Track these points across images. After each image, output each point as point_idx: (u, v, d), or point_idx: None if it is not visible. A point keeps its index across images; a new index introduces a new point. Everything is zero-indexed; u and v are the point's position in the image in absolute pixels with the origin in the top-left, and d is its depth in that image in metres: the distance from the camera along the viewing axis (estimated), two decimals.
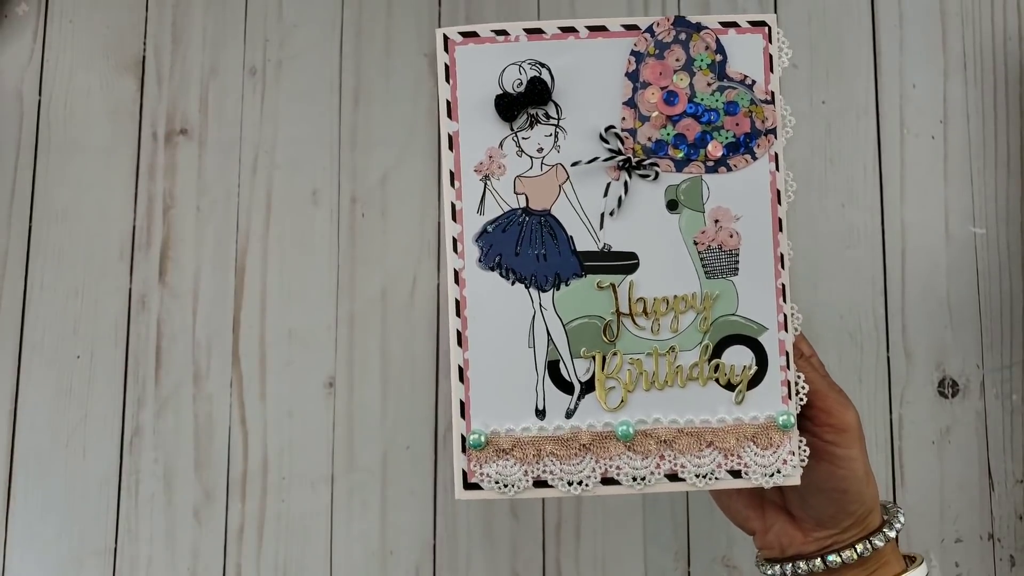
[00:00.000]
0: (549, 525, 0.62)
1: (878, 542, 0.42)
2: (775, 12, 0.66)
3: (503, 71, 0.41)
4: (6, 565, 0.61)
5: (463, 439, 0.40)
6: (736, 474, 0.40)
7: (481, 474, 0.40)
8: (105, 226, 0.64)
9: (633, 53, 0.41)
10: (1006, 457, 0.63)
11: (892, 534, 0.43)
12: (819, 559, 0.43)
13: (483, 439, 0.39)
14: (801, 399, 0.41)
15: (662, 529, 0.62)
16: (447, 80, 0.41)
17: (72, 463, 0.62)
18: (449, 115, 0.41)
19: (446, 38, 0.41)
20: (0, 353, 0.62)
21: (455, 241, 0.40)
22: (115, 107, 0.65)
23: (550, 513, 0.62)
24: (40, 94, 0.65)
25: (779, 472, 0.40)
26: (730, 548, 0.62)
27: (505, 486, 0.39)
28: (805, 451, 0.40)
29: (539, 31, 0.41)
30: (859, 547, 0.42)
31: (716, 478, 0.40)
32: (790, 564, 0.44)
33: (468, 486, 0.40)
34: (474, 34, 0.41)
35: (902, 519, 0.44)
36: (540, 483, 0.40)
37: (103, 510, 0.61)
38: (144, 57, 0.65)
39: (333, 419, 0.62)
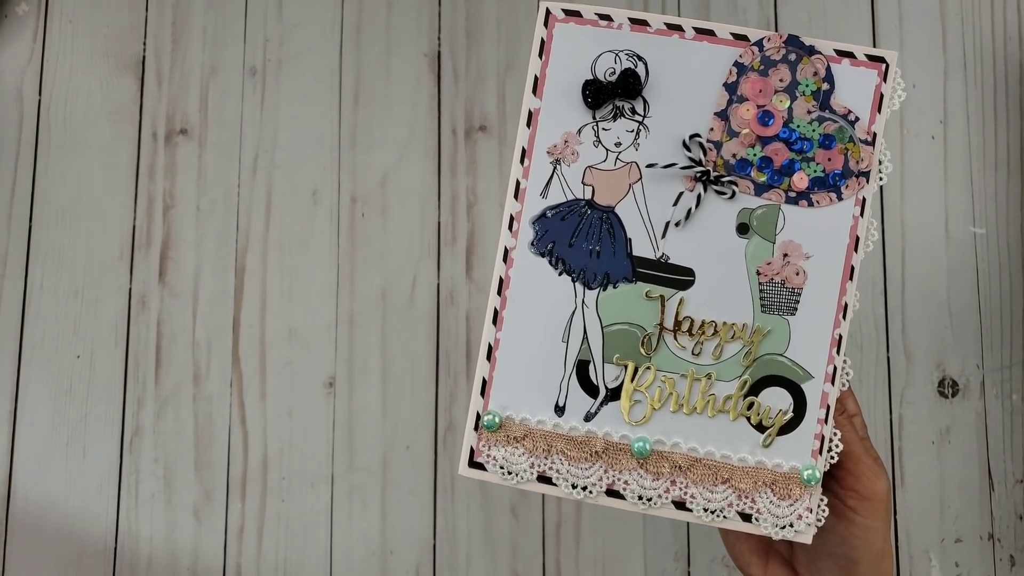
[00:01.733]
0: (549, 525, 0.62)
1: None
2: (775, 12, 0.66)
3: (598, 57, 0.39)
4: (6, 565, 0.61)
5: (478, 417, 0.39)
6: (746, 517, 0.38)
7: (488, 455, 0.39)
8: (105, 226, 0.64)
9: (736, 64, 0.39)
10: (1006, 457, 0.63)
11: None
12: None
13: (497, 421, 0.38)
14: (832, 457, 0.39)
15: (662, 529, 0.62)
16: (540, 55, 0.39)
17: (72, 463, 0.62)
18: (534, 91, 0.39)
19: (548, 13, 0.39)
20: (0, 353, 0.62)
21: (512, 219, 0.39)
22: (115, 107, 0.65)
23: (550, 513, 0.62)
24: (40, 94, 0.65)
25: (791, 526, 0.38)
26: None
27: (509, 473, 0.38)
28: (824, 511, 0.38)
29: (644, 23, 0.39)
30: None
31: (724, 516, 0.38)
32: None
33: (473, 464, 0.39)
34: (577, 14, 0.39)
35: None
36: (544, 479, 0.39)
37: (103, 510, 0.61)
38: (144, 57, 0.65)
39: (333, 419, 0.62)
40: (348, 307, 0.63)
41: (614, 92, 0.39)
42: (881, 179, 0.39)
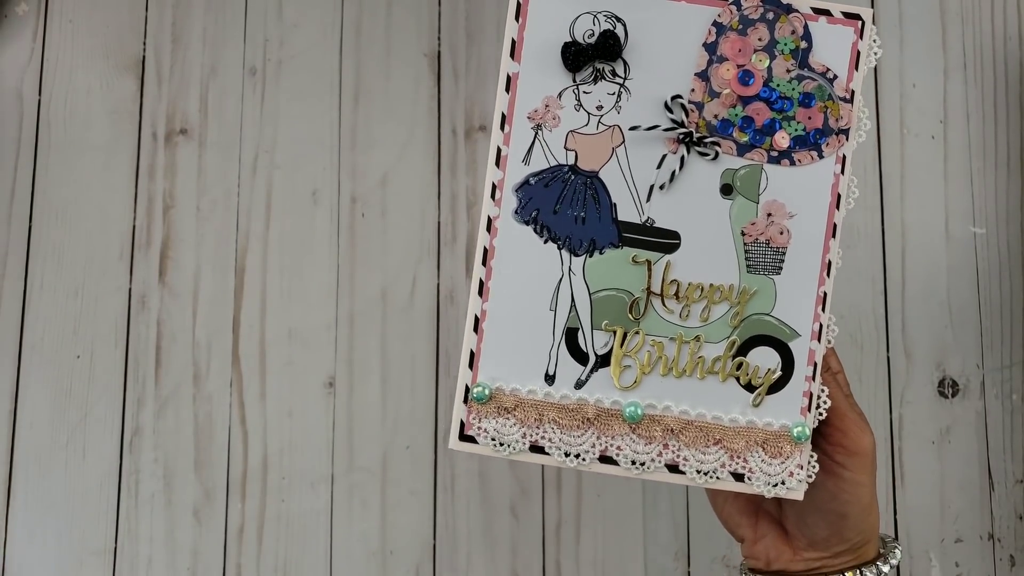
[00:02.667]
0: (549, 525, 0.62)
1: (869, 574, 0.41)
2: None
3: (576, 19, 0.39)
4: (6, 565, 0.61)
5: (467, 389, 0.38)
6: (739, 477, 0.38)
7: (479, 428, 0.38)
8: (105, 226, 0.64)
9: (715, 24, 0.39)
10: (1006, 457, 0.63)
11: (886, 569, 0.42)
12: None
13: (487, 393, 0.38)
14: (820, 414, 0.39)
15: (662, 529, 0.62)
16: (516, 18, 0.39)
17: (72, 463, 0.62)
18: (512, 55, 0.39)
19: None
20: (0, 353, 0.62)
21: (494, 187, 0.38)
22: (115, 107, 0.65)
23: (550, 513, 0.62)
24: (40, 94, 0.65)
25: (783, 484, 0.38)
26: (730, 548, 0.62)
27: (501, 444, 0.38)
28: (814, 467, 0.39)
29: None
30: (848, 575, 0.41)
31: (717, 477, 0.38)
32: None
33: (464, 438, 0.38)
34: None
35: (899, 555, 0.42)
36: (537, 448, 0.38)
37: (103, 510, 0.61)
38: (144, 57, 0.65)
39: (333, 419, 0.62)
40: (348, 307, 0.63)
41: (593, 54, 0.38)
42: (861, 136, 0.39)
